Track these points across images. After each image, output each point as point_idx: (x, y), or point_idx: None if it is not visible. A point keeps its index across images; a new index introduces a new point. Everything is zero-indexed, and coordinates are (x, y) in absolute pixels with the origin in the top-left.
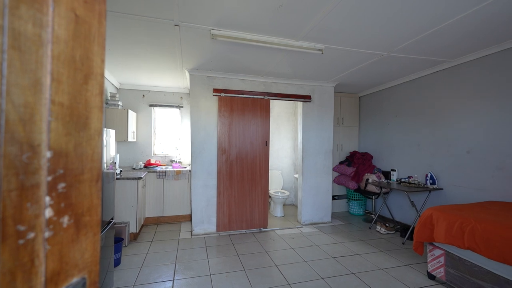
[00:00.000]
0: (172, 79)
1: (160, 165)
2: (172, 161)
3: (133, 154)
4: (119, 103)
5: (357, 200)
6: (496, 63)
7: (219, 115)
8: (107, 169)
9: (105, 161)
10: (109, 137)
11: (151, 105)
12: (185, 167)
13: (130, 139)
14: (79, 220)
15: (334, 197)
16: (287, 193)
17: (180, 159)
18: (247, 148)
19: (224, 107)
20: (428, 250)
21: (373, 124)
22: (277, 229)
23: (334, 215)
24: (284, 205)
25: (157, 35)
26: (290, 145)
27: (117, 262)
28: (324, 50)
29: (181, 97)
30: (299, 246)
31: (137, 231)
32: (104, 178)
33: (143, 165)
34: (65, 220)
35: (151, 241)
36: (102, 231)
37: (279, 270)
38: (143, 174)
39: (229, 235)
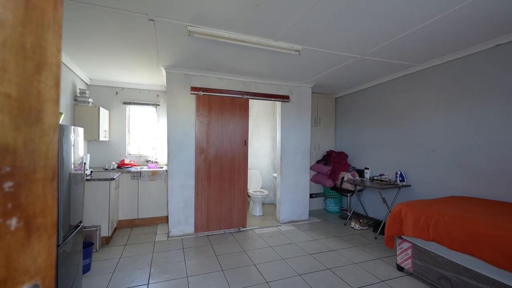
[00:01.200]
0: (148, 76)
1: (135, 166)
2: (148, 161)
3: (106, 154)
4: (90, 100)
5: (333, 197)
6: (458, 69)
7: (197, 114)
8: (75, 170)
9: (72, 161)
10: (77, 135)
11: (125, 103)
12: (162, 167)
13: (102, 138)
14: (30, 222)
15: (311, 195)
16: (266, 192)
17: (156, 159)
18: (225, 148)
19: (202, 106)
20: (397, 244)
21: (348, 124)
22: (256, 228)
23: (311, 213)
24: (263, 204)
25: (131, 30)
26: (269, 145)
27: (86, 268)
28: (301, 51)
29: (158, 95)
30: (277, 244)
31: (110, 235)
32: (71, 179)
33: (116, 165)
34: (13, 222)
35: (125, 245)
36: (68, 236)
37: (257, 269)
38: (116, 175)
39: (207, 235)
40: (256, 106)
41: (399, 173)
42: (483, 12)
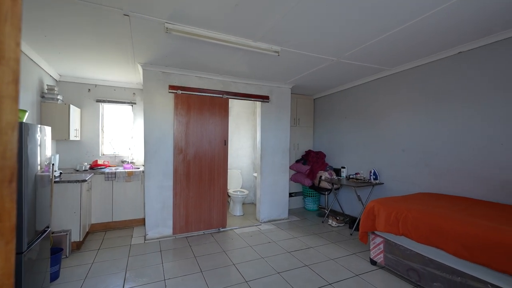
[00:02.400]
0: (123, 73)
1: (109, 166)
2: (123, 162)
3: (77, 155)
4: (59, 97)
5: (312, 196)
6: (424, 74)
7: (176, 113)
8: (42, 172)
9: (39, 162)
10: (44, 135)
11: (98, 101)
12: (138, 168)
13: (72, 138)
14: None
15: (291, 194)
16: (246, 192)
17: (132, 159)
18: (205, 148)
19: (181, 105)
20: (371, 239)
21: (326, 124)
22: (236, 228)
23: (291, 212)
24: (243, 204)
25: (104, 24)
26: (250, 145)
27: (54, 276)
28: (280, 52)
29: (134, 93)
30: (257, 243)
31: (81, 240)
32: (37, 182)
33: (88, 166)
34: None
35: (98, 250)
36: (34, 242)
37: (237, 268)
38: (88, 176)
39: (186, 237)
40: (236, 106)
41: (372, 171)
42: (447, 22)
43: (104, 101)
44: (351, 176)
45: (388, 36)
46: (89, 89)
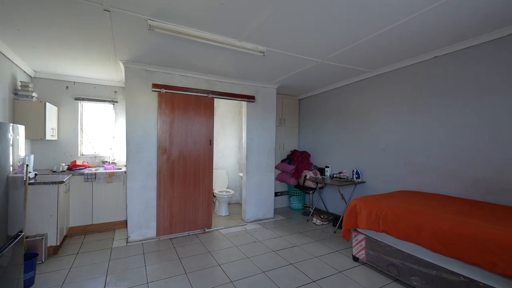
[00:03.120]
0: (104, 70)
1: (89, 167)
2: (104, 162)
3: (54, 155)
4: (34, 94)
5: (297, 195)
6: (403, 76)
7: (160, 112)
8: (15, 173)
9: (11, 163)
10: (17, 134)
11: (77, 99)
12: (120, 169)
13: (49, 137)
14: None
15: (276, 194)
16: (232, 192)
17: (114, 159)
18: (190, 147)
19: (165, 104)
20: (353, 236)
21: (311, 125)
22: (221, 228)
23: (276, 211)
24: (229, 204)
25: (83, 19)
26: (235, 144)
27: (29, 283)
28: (265, 53)
29: (115, 91)
30: (242, 243)
31: (58, 244)
32: (9, 184)
33: (66, 167)
34: None
35: (77, 254)
36: (5, 247)
37: (222, 269)
38: (66, 178)
39: (170, 238)
40: (222, 106)
41: (355, 170)
42: (423, 27)
43: (83, 99)
44: (334, 175)
45: (369, 39)
46: (67, 86)
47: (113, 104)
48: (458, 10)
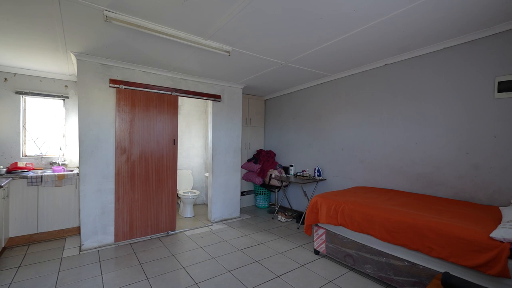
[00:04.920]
0: (52, 62)
1: (34, 169)
2: (53, 164)
3: None
4: None
5: (262, 194)
6: (357, 81)
7: (118, 110)
8: None
9: None
10: None
11: (18, 93)
12: (72, 170)
13: None
14: None
15: (243, 193)
16: (197, 192)
17: (64, 160)
18: (152, 147)
19: (124, 101)
20: (314, 231)
21: (276, 125)
22: (186, 230)
23: (242, 210)
24: (194, 204)
25: (25, 3)
26: (201, 144)
27: None
28: (231, 52)
29: (66, 86)
30: (208, 244)
31: None
32: None
33: (5, 170)
34: None
35: (18, 267)
36: None
37: (187, 271)
38: (4, 182)
39: (130, 244)
40: (187, 104)
41: (317, 168)
42: (374, 38)
43: (26, 94)
44: (298, 174)
45: (328, 45)
46: (5, 78)
47: (64, 100)
48: (402, 26)
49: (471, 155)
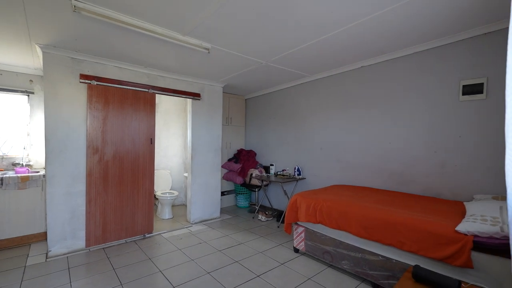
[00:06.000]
0: (15, 54)
1: None
2: (15, 165)
3: None
4: None
5: (243, 194)
6: (335, 82)
7: (90, 107)
8: None
9: None
10: None
11: None
12: (38, 172)
13: None
14: None
15: (223, 193)
16: (176, 193)
17: (29, 161)
18: (127, 147)
19: (97, 98)
20: (294, 229)
21: (257, 124)
22: (164, 232)
23: (223, 210)
24: (173, 206)
25: None
26: (180, 143)
27: None
28: (211, 50)
29: (31, 80)
30: (187, 245)
31: None
32: None
33: None
34: None
35: None
36: None
37: (164, 275)
38: None
39: (103, 248)
40: (165, 102)
41: (296, 168)
42: (350, 40)
43: None
44: (278, 173)
45: (306, 46)
46: None
47: (28, 95)
48: (377, 29)
49: (439, 154)
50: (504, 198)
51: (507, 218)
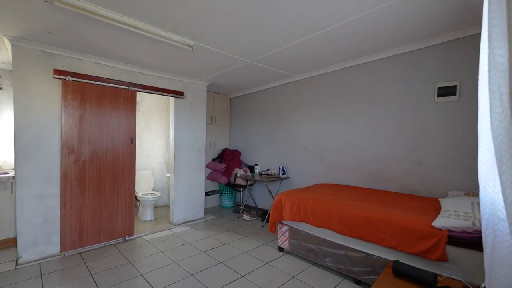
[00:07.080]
0: None
1: None
2: None
3: None
4: None
5: (228, 193)
6: (319, 83)
7: (65, 105)
8: None
9: None
10: None
11: None
12: (7, 173)
13: None
14: None
15: (207, 193)
16: (158, 194)
17: None
18: (106, 146)
19: (72, 95)
20: (278, 228)
21: (241, 123)
22: (145, 234)
23: (207, 210)
24: (155, 207)
25: None
26: (163, 143)
27: None
28: (194, 47)
29: (0, 75)
30: (169, 248)
31: None
32: None
33: None
34: None
35: None
36: None
37: (145, 278)
38: None
39: (80, 253)
40: (146, 101)
41: (281, 167)
42: (333, 42)
43: None
44: (263, 172)
45: (291, 46)
46: None
47: None
48: (356, 32)
49: (416, 153)
50: (475, 194)
51: (479, 213)
